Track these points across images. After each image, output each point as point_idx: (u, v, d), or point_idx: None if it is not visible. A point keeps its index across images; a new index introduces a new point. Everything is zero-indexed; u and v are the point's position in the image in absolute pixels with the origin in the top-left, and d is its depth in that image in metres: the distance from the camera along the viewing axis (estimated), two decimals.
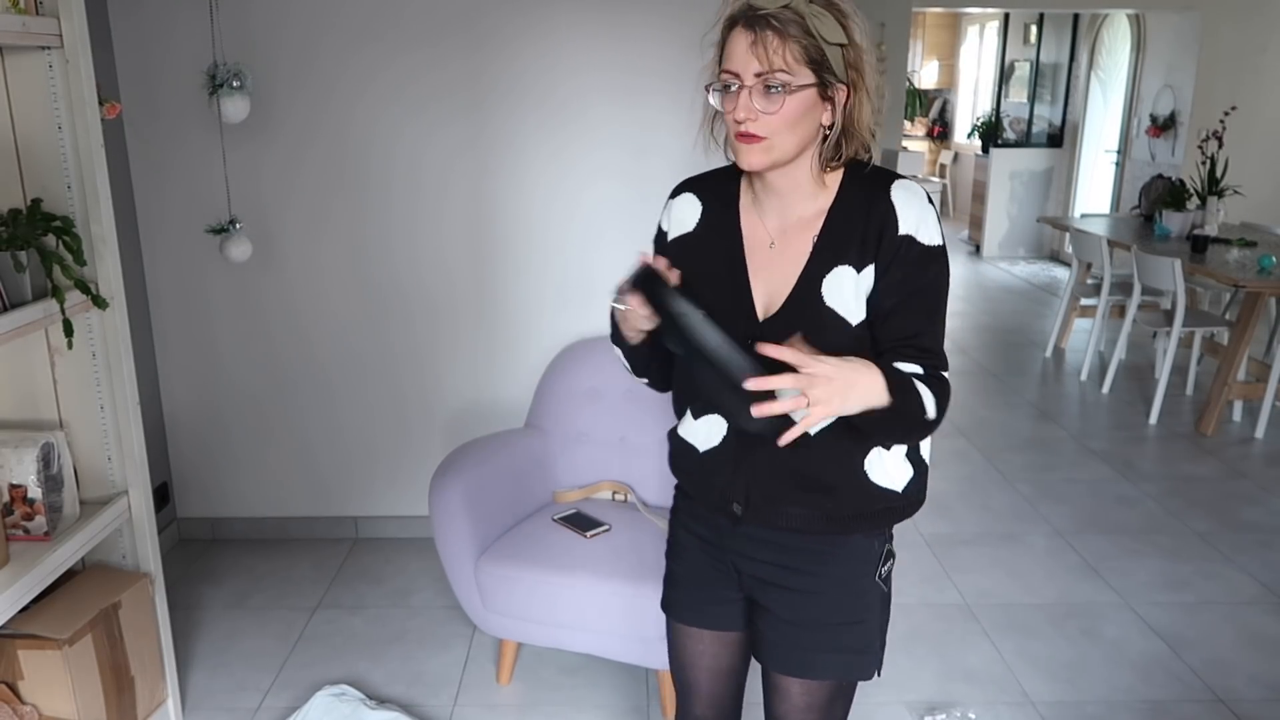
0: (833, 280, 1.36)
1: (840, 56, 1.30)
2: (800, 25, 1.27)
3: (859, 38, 1.32)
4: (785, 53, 1.28)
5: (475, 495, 2.51)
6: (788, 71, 1.28)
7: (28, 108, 2.00)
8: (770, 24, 1.28)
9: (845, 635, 1.49)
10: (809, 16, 1.27)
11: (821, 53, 1.29)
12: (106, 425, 2.18)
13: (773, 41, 1.28)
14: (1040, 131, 9.58)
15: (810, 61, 1.29)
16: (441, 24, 3.06)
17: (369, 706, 2.46)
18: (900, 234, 1.34)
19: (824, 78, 1.30)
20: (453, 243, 3.24)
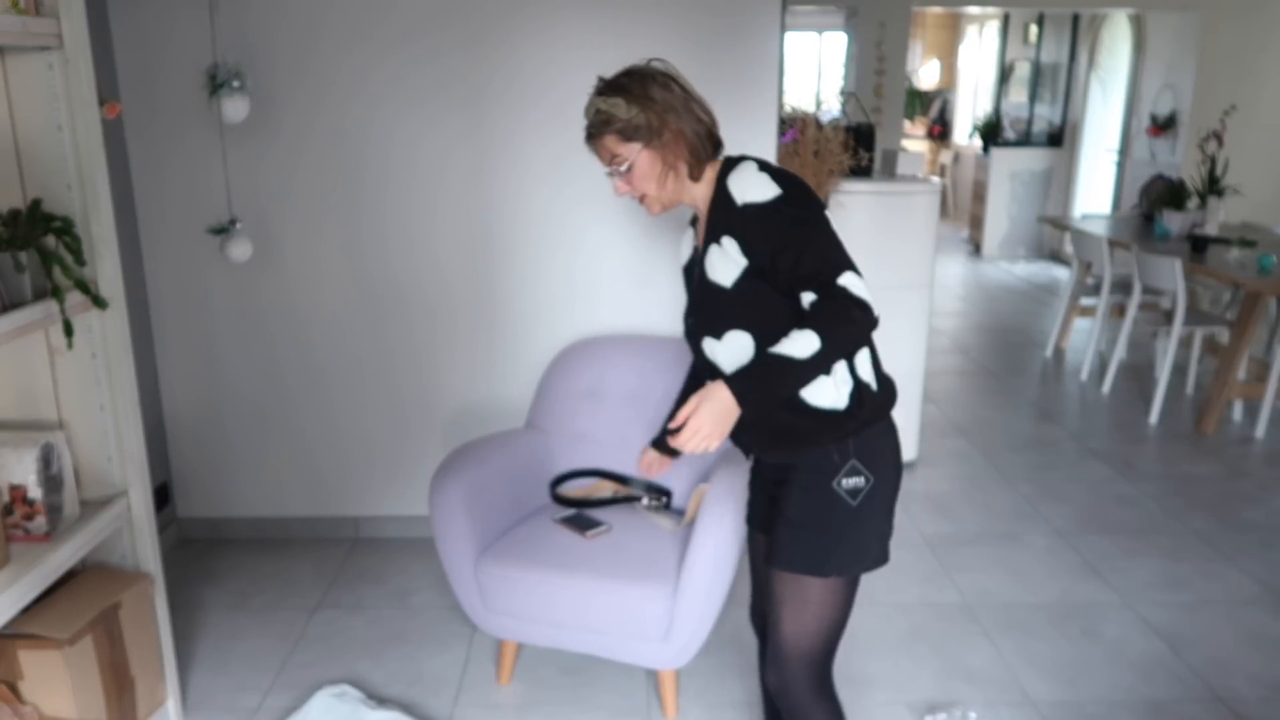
0: (711, 257, 1.72)
1: (643, 119, 1.68)
2: (605, 121, 1.69)
3: (645, 91, 1.69)
4: (608, 145, 1.72)
5: (475, 495, 2.51)
6: (620, 156, 1.71)
7: (28, 108, 2.00)
8: (590, 132, 1.74)
9: (807, 536, 1.75)
10: (607, 109, 1.68)
11: (629, 126, 1.68)
12: (106, 425, 2.18)
13: (597, 144, 1.74)
14: (1040, 131, 9.58)
15: (628, 138, 1.69)
16: (440, 23, 3.06)
17: (369, 706, 2.46)
18: (739, 205, 1.66)
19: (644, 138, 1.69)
20: (453, 242, 3.24)
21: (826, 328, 1.58)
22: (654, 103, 1.68)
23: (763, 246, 1.63)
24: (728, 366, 1.71)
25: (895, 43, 7.08)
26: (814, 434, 1.72)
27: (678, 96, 1.72)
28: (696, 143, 1.71)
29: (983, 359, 5.96)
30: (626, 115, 1.67)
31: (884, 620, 2.99)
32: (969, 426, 4.71)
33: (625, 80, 1.71)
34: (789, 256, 1.61)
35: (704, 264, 1.73)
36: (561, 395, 2.87)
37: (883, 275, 3.90)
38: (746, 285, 1.67)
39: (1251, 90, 7.30)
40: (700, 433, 1.57)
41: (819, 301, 1.61)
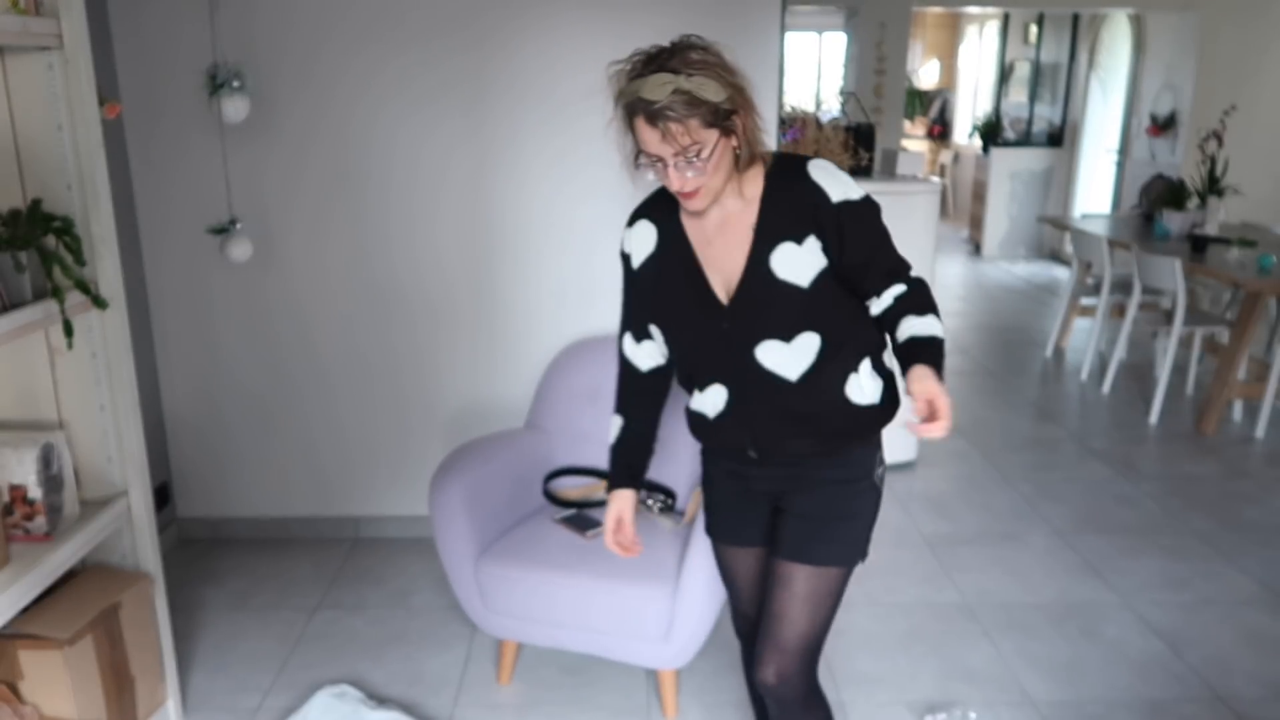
0: (779, 255, 1.60)
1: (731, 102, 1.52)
2: (690, 103, 1.47)
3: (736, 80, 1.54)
4: (690, 132, 1.49)
5: (475, 495, 2.51)
6: (698, 143, 1.50)
7: (28, 108, 2.00)
8: (667, 115, 1.47)
9: (843, 528, 1.76)
10: (694, 90, 1.47)
11: (715, 112, 1.50)
12: (106, 425, 2.18)
13: (676, 129, 1.49)
14: (1040, 131, 9.58)
15: (710, 124, 1.50)
16: (441, 23, 3.06)
17: (369, 707, 2.46)
18: (835, 203, 1.59)
19: (724, 126, 1.52)
20: (453, 242, 3.24)
21: (935, 310, 1.64)
22: (736, 84, 1.54)
23: (861, 245, 1.61)
24: (788, 371, 1.63)
25: (895, 43, 7.07)
26: (864, 430, 1.73)
27: (741, 74, 1.58)
28: (760, 129, 1.60)
29: (983, 359, 5.96)
30: (717, 98, 1.49)
31: (884, 620, 2.99)
32: (969, 426, 4.71)
33: (703, 54, 1.53)
34: (885, 255, 1.63)
35: (768, 263, 1.60)
36: (562, 395, 2.87)
37: None
38: (823, 284, 1.61)
39: (1251, 90, 7.30)
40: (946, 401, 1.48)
41: (912, 290, 1.64)
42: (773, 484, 1.79)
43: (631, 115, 1.52)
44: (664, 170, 1.54)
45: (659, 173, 1.55)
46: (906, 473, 4.13)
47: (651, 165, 1.55)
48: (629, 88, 1.51)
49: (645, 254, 1.74)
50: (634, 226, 1.77)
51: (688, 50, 1.52)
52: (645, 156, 1.55)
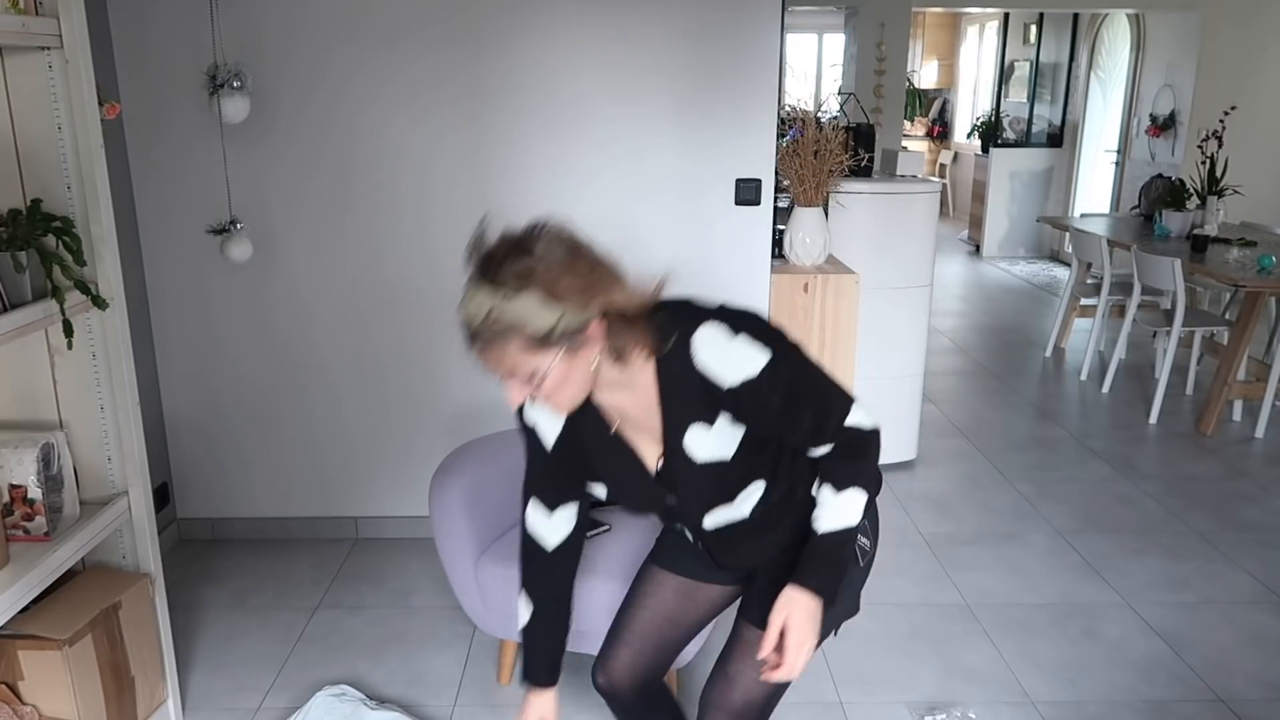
0: (692, 439, 1.46)
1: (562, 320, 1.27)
2: (507, 329, 1.26)
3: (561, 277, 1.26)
4: (512, 357, 1.29)
5: (475, 495, 2.51)
6: (525, 365, 1.30)
7: (28, 108, 2.00)
8: (484, 342, 1.29)
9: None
10: (517, 315, 1.25)
11: (543, 335, 1.27)
12: (106, 425, 2.18)
13: (494, 356, 1.30)
14: (1040, 131, 9.58)
15: (539, 345, 1.28)
16: (442, 23, 3.06)
17: (369, 707, 2.46)
18: (727, 390, 1.39)
19: (564, 342, 1.29)
20: (453, 242, 3.24)
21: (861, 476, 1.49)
22: (575, 292, 1.27)
23: (767, 416, 1.43)
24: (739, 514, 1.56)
25: (895, 43, 7.07)
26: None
27: (595, 268, 1.31)
28: (620, 328, 1.34)
29: (983, 359, 5.96)
30: (542, 323, 1.26)
31: (884, 620, 2.99)
32: (969, 426, 4.71)
33: (530, 263, 1.26)
34: (795, 417, 1.44)
35: (684, 449, 1.47)
36: None
37: (883, 275, 3.91)
38: (748, 445, 1.48)
39: (1251, 90, 7.30)
40: (804, 648, 1.43)
41: (838, 450, 1.49)
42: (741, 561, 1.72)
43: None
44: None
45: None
46: (906, 472, 4.12)
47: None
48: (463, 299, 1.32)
49: (556, 432, 1.58)
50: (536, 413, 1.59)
51: (522, 255, 1.27)
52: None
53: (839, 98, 5.56)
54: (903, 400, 4.11)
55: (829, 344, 3.51)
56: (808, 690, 2.63)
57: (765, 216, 3.24)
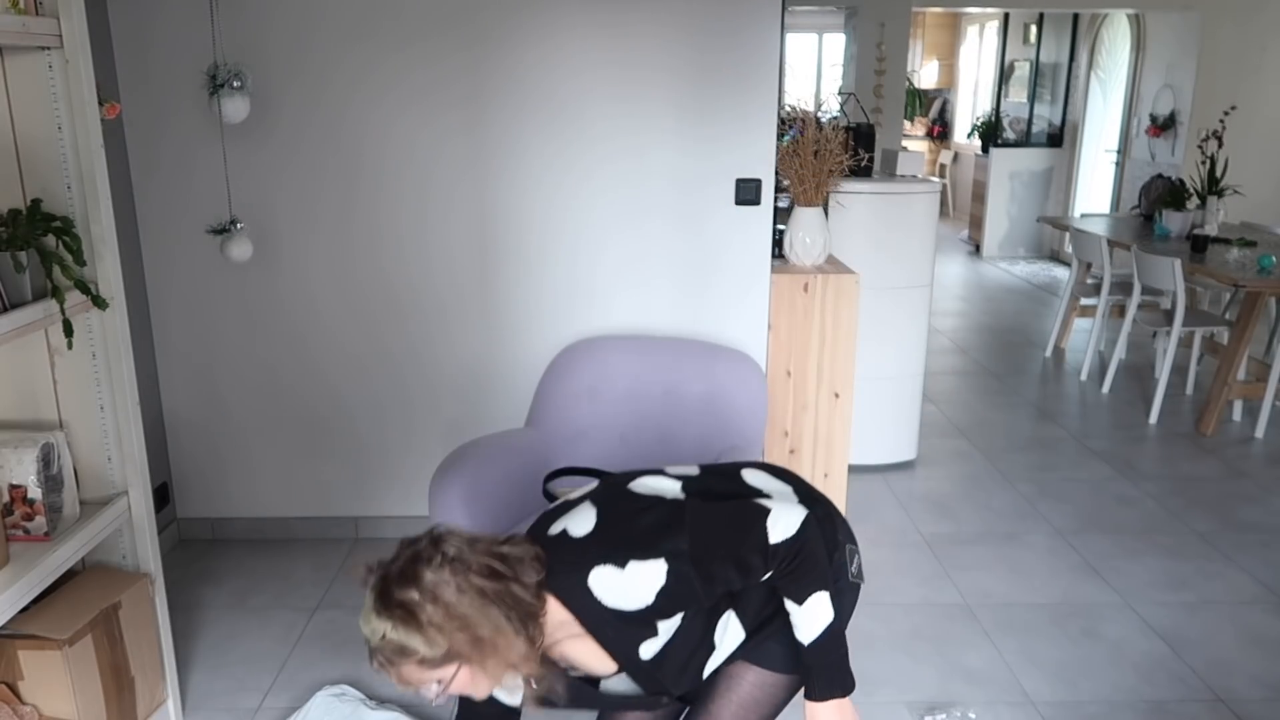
0: (648, 650, 1.48)
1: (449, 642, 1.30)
2: (401, 652, 1.30)
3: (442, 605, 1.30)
4: (412, 674, 1.33)
5: (475, 495, 2.51)
6: (427, 680, 1.33)
7: (28, 108, 2.00)
8: (380, 660, 1.32)
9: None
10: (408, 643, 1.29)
11: (439, 657, 1.31)
12: (106, 425, 2.18)
13: (395, 674, 1.33)
14: (1040, 131, 9.58)
15: (436, 665, 1.32)
16: (442, 23, 3.06)
17: (369, 707, 2.46)
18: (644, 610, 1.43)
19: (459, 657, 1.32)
20: (453, 242, 3.24)
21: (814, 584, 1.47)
22: (459, 615, 1.31)
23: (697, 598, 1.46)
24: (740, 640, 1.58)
25: (895, 43, 7.07)
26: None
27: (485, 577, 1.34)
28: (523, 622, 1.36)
29: (983, 359, 5.96)
30: (429, 648, 1.30)
31: (884, 620, 2.98)
32: (969, 426, 4.71)
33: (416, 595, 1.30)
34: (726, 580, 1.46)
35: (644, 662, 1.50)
36: (561, 395, 2.87)
37: (883, 275, 3.91)
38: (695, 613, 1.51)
39: (1251, 90, 7.30)
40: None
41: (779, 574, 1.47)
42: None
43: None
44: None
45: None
46: (906, 473, 4.12)
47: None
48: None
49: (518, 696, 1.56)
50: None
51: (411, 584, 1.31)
52: None
53: (839, 98, 5.56)
54: (903, 400, 4.11)
55: (829, 344, 3.50)
56: None
57: (765, 216, 3.24)
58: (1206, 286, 5.64)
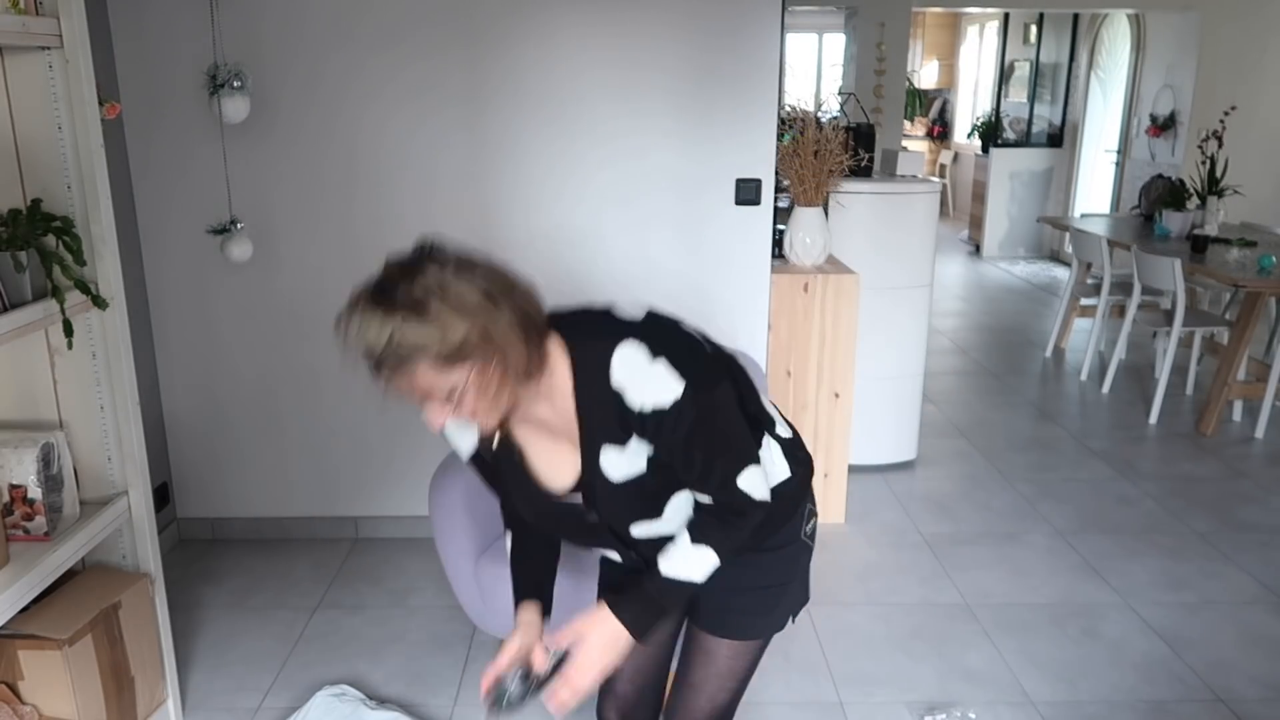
0: (608, 461, 1.41)
1: (464, 334, 1.24)
2: (413, 351, 1.22)
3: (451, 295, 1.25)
4: (424, 379, 1.25)
5: (475, 495, 2.50)
6: (441, 387, 1.27)
7: (28, 108, 2.00)
8: (387, 369, 1.25)
9: (772, 597, 1.60)
10: (420, 335, 1.22)
11: (453, 350, 1.24)
12: (106, 425, 2.18)
13: (405, 381, 1.26)
14: (1040, 131, 9.58)
15: (452, 363, 1.25)
16: (441, 22, 3.06)
17: (369, 706, 2.46)
18: (638, 412, 1.34)
19: (473, 355, 1.25)
20: (453, 240, 3.24)
21: (725, 541, 1.43)
22: (475, 303, 1.25)
23: (665, 449, 1.39)
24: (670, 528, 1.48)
25: (895, 43, 7.07)
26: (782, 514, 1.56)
27: (492, 277, 1.31)
28: (528, 334, 1.31)
29: (983, 359, 5.96)
30: (442, 340, 1.23)
31: (884, 620, 2.99)
32: (969, 426, 4.71)
33: (425, 282, 1.25)
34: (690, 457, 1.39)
35: (601, 469, 1.42)
36: None
37: (883, 275, 3.91)
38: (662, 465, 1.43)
39: (1251, 90, 7.30)
40: (594, 671, 1.39)
41: (717, 507, 1.43)
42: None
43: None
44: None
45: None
46: (906, 473, 4.13)
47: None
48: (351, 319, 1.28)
49: (470, 447, 1.54)
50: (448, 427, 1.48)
51: (416, 276, 1.25)
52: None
53: (839, 98, 5.56)
54: (903, 400, 4.11)
55: (829, 344, 3.51)
56: (808, 690, 2.63)
57: (765, 216, 3.24)
58: (1206, 286, 5.64)
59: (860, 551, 3.45)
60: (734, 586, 1.55)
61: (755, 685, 1.66)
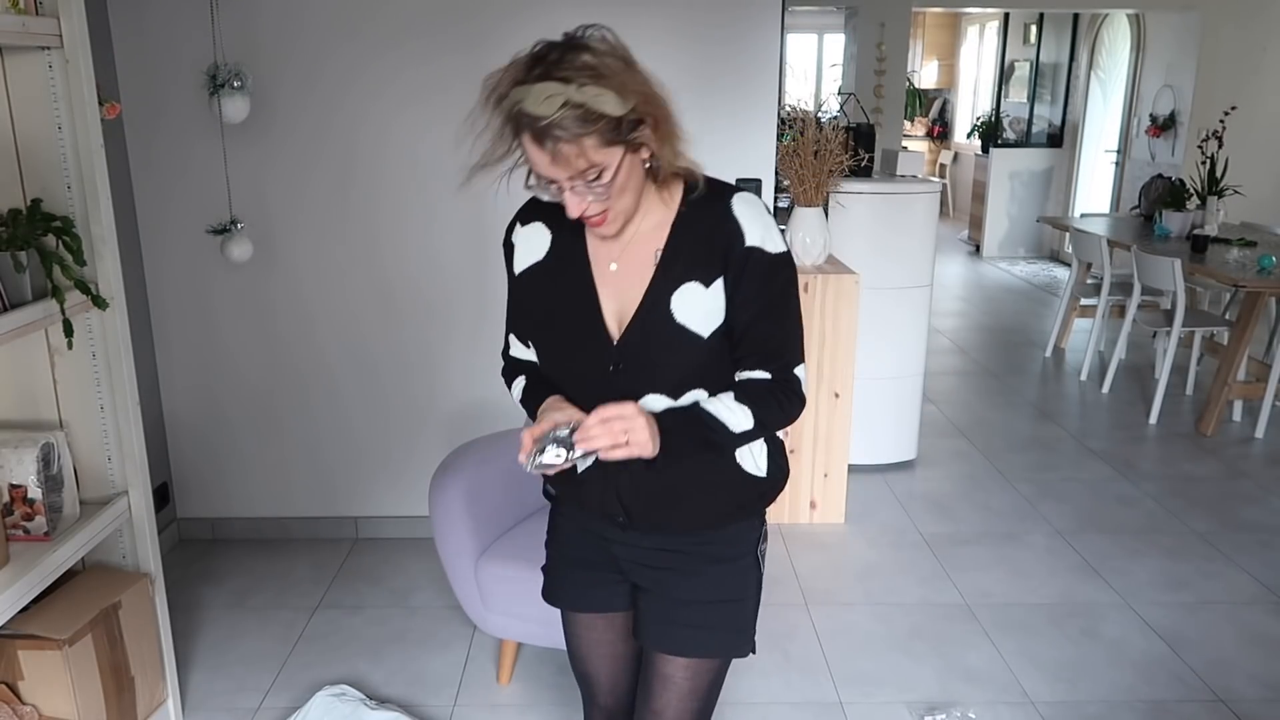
0: (682, 297, 1.38)
1: (634, 116, 1.27)
2: (584, 119, 1.23)
3: (641, 87, 1.28)
4: (585, 153, 1.26)
5: (475, 495, 2.51)
6: (596, 165, 1.27)
7: (28, 108, 2.00)
8: (556, 135, 1.24)
9: (726, 613, 1.54)
10: (589, 103, 1.23)
11: (617, 127, 1.26)
12: (106, 425, 2.18)
13: (568, 150, 1.25)
14: (1040, 131, 9.59)
15: (610, 141, 1.26)
16: (441, 22, 3.06)
17: (369, 706, 2.46)
18: (747, 246, 1.36)
19: (628, 140, 1.28)
20: (453, 242, 3.24)
21: (767, 416, 1.40)
22: (643, 90, 1.29)
23: (750, 303, 1.37)
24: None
25: (895, 43, 7.08)
26: (750, 504, 1.52)
27: (648, 75, 1.32)
28: (678, 137, 1.35)
29: (983, 359, 5.96)
30: (618, 111, 1.25)
31: (884, 620, 2.99)
32: (969, 426, 4.71)
33: (593, 58, 1.25)
34: (767, 326, 1.39)
35: (669, 303, 1.38)
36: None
37: (883, 275, 3.91)
38: (717, 341, 1.39)
39: (1251, 90, 7.30)
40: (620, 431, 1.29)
41: (772, 384, 1.40)
42: (638, 555, 1.53)
43: (517, 130, 1.30)
44: (560, 194, 1.33)
45: (554, 195, 1.34)
46: (906, 472, 4.13)
47: (544, 187, 1.34)
48: (512, 95, 1.27)
49: (532, 260, 1.50)
50: (527, 226, 1.52)
51: (582, 51, 1.26)
52: (537, 177, 1.34)
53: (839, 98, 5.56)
54: (903, 400, 4.11)
55: (829, 344, 3.51)
56: (808, 690, 2.63)
57: None
58: (1206, 286, 5.65)
59: (860, 551, 3.45)
60: (682, 598, 1.51)
61: (755, 685, 1.66)
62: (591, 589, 1.62)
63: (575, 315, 1.44)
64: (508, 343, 1.60)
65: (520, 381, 1.56)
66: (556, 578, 1.66)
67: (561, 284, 1.46)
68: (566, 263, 1.46)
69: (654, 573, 1.53)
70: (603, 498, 1.48)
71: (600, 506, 1.50)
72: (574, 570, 1.62)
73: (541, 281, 1.48)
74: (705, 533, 1.50)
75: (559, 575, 1.65)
